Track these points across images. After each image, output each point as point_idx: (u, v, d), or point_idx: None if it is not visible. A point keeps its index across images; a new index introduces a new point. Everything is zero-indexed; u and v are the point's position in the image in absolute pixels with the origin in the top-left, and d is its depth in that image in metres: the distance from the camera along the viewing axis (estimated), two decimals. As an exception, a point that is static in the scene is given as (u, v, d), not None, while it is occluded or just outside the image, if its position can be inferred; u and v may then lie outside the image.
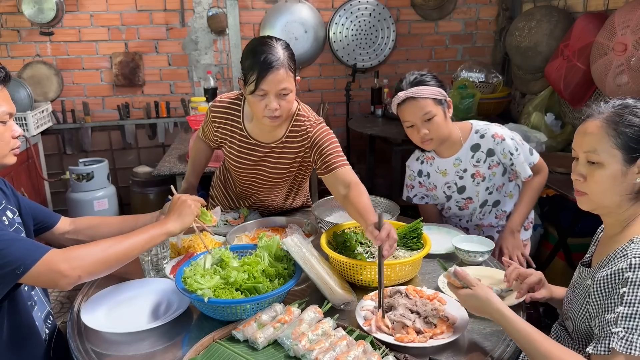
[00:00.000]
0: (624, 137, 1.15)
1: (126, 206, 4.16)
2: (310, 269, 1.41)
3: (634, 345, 1.04)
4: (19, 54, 3.90)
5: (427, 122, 1.86)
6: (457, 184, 2.04)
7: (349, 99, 4.16)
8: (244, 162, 1.97)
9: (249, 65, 1.69)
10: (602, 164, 1.18)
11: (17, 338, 1.32)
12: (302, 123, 1.88)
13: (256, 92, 1.69)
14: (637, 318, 1.05)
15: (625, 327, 1.06)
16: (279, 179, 2.01)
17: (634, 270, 1.08)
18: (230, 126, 1.93)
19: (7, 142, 1.37)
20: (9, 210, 1.40)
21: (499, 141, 1.93)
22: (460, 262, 1.71)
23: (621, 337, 1.05)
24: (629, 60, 2.56)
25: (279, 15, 4.04)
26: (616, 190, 1.18)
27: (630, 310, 1.06)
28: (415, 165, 2.13)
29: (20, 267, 1.19)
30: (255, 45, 1.71)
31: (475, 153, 1.97)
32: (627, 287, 1.08)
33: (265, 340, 1.25)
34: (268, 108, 1.71)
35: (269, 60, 1.65)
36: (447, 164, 2.02)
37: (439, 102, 1.87)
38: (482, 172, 1.98)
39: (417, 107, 1.85)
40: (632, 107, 1.17)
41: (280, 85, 1.68)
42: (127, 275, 1.63)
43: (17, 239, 1.26)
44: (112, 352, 1.29)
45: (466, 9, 4.28)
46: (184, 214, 1.51)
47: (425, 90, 1.84)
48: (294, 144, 1.90)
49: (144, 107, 4.10)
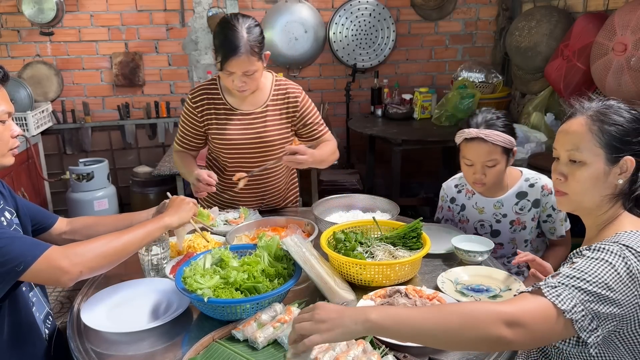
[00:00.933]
0: (608, 136, 1.13)
1: (126, 206, 4.16)
2: (310, 268, 1.41)
3: (561, 299, 0.98)
4: (19, 54, 3.91)
5: (487, 168, 1.81)
6: (492, 227, 1.96)
7: (349, 99, 4.17)
8: (233, 137, 2.02)
9: (217, 45, 1.87)
10: (584, 163, 1.15)
11: (17, 337, 1.32)
12: (284, 89, 2.07)
13: (223, 71, 1.88)
14: (576, 280, 1.00)
15: (561, 281, 1.01)
16: (268, 150, 2.07)
17: (592, 250, 1.06)
18: (212, 104, 2.03)
19: (6, 142, 1.36)
20: (7, 211, 1.40)
21: (546, 193, 1.87)
22: (460, 262, 1.71)
23: (552, 286, 1.00)
24: (628, 60, 2.56)
25: (279, 15, 4.04)
26: (597, 190, 1.16)
27: (573, 272, 1.02)
28: (451, 191, 2.06)
29: (21, 264, 1.20)
30: (223, 27, 1.85)
31: (521, 201, 1.90)
32: (580, 258, 1.06)
33: (265, 340, 1.25)
34: (235, 84, 1.90)
35: (232, 45, 1.81)
36: (487, 203, 1.95)
37: (506, 151, 1.81)
38: (523, 221, 1.91)
39: (484, 151, 1.78)
40: (616, 107, 1.16)
41: (244, 68, 1.85)
42: (127, 275, 1.63)
43: (18, 237, 1.26)
44: (112, 352, 1.29)
45: (466, 9, 4.28)
46: (182, 210, 1.56)
47: (498, 137, 1.77)
48: (276, 108, 2.06)
49: (144, 107, 4.10)
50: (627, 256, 1.02)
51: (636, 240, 1.06)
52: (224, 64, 1.84)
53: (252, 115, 2.04)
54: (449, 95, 3.78)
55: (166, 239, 1.65)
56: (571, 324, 0.97)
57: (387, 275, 1.52)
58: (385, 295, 1.46)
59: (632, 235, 1.08)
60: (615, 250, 1.03)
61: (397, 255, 1.61)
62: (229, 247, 1.53)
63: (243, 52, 1.81)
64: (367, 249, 1.64)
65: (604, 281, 0.99)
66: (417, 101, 4.01)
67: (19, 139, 1.42)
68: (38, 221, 1.54)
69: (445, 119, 3.75)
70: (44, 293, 1.50)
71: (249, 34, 1.83)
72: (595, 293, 0.99)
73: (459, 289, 1.54)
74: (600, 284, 0.99)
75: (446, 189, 2.09)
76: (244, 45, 1.81)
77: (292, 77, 4.22)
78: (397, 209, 1.97)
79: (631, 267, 1.01)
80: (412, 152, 4.14)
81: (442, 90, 4.15)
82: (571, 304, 0.98)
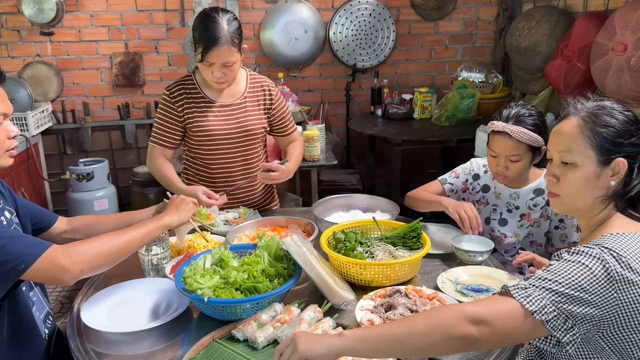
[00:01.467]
0: (600, 138, 1.12)
1: (126, 206, 4.16)
2: (310, 268, 1.41)
3: (530, 299, 0.98)
4: (19, 54, 3.90)
5: (510, 162, 1.81)
6: (502, 214, 1.97)
7: (349, 99, 4.17)
8: (214, 128, 2.05)
9: (197, 36, 1.91)
10: (575, 165, 1.15)
11: (17, 337, 1.32)
12: (259, 83, 2.15)
13: (203, 62, 1.93)
14: (547, 282, 1.00)
15: (532, 283, 1.01)
16: (249, 141, 2.12)
17: (571, 253, 1.06)
18: (191, 97, 2.06)
19: (2, 143, 1.35)
20: (6, 211, 1.40)
21: None
22: (460, 262, 1.71)
23: (522, 287, 1.01)
24: (628, 60, 2.56)
25: (279, 15, 4.04)
26: (589, 192, 1.15)
27: (546, 274, 1.02)
28: (479, 169, 2.04)
29: (22, 263, 1.20)
30: (203, 19, 1.91)
31: (536, 197, 1.91)
32: (557, 261, 1.05)
33: (265, 339, 1.25)
34: (214, 75, 1.95)
35: (213, 36, 1.87)
36: (504, 190, 1.96)
37: (532, 149, 1.80)
38: (533, 218, 1.92)
39: (509, 145, 1.78)
40: (609, 108, 1.15)
41: (224, 59, 1.91)
42: (127, 275, 1.63)
43: (18, 236, 1.26)
44: (112, 351, 1.29)
45: (466, 9, 4.28)
46: (182, 210, 1.57)
47: (524, 135, 1.75)
48: (254, 100, 2.12)
49: (144, 107, 4.10)
50: (606, 259, 1.01)
51: (619, 242, 1.05)
52: (205, 54, 1.89)
53: (231, 107, 2.09)
54: (449, 95, 3.78)
55: (166, 238, 1.65)
56: (541, 324, 0.98)
57: (387, 275, 1.52)
58: (385, 295, 1.46)
59: (617, 237, 1.07)
60: (594, 253, 1.03)
61: (397, 255, 1.61)
62: (229, 247, 1.53)
63: (224, 43, 1.88)
64: (367, 249, 1.65)
65: (578, 283, 0.99)
66: (417, 101, 4.01)
67: (18, 139, 1.42)
68: (38, 221, 1.54)
69: (445, 119, 3.75)
70: (44, 293, 1.50)
71: (229, 26, 1.90)
72: (567, 294, 0.99)
73: (459, 289, 1.54)
74: (573, 285, 0.99)
75: (474, 165, 2.06)
76: (225, 36, 1.88)
77: (292, 77, 4.22)
78: (397, 209, 1.97)
79: (609, 269, 1.00)
80: (412, 152, 4.14)
81: (442, 90, 4.15)
82: (540, 305, 0.98)
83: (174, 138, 2.08)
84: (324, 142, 3.14)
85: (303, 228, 1.87)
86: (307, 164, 3.02)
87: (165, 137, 2.07)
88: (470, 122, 3.72)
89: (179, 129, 2.07)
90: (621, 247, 1.03)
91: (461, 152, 4.10)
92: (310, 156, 3.01)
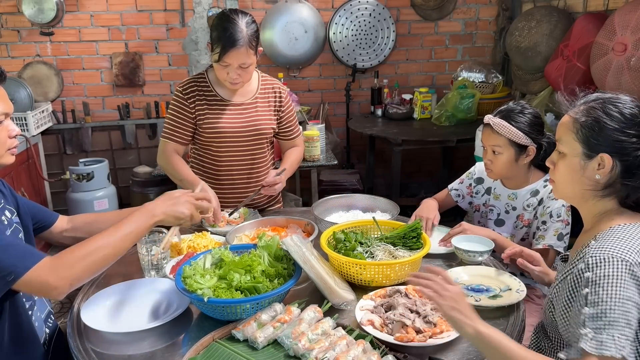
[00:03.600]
0: (585, 131, 1.17)
1: (126, 206, 4.12)
2: (310, 268, 1.41)
3: (604, 345, 1.03)
4: (19, 54, 3.90)
5: (493, 154, 1.87)
6: (499, 215, 2.00)
7: (349, 99, 4.17)
8: (226, 126, 2.07)
9: (215, 37, 1.93)
10: (564, 154, 1.22)
11: (18, 339, 1.32)
12: (270, 85, 2.18)
13: (220, 63, 1.94)
14: (602, 317, 1.05)
15: (593, 327, 1.05)
16: (259, 140, 2.14)
17: (592, 269, 1.09)
18: (203, 95, 2.08)
19: (3, 142, 1.34)
20: (7, 210, 1.39)
21: (552, 197, 1.84)
22: (460, 262, 1.71)
23: (590, 339, 1.05)
24: (628, 60, 2.56)
25: (279, 15, 4.04)
26: (576, 182, 1.21)
27: (594, 310, 1.06)
28: (482, 172, 2.05)
29: (11, 275, 1.17)
30: (223, 20, 1.92)
31: (532, 198, 1.92)
32: (588, 288, 1.08)
33: (265, 339, 1.25)
34: (229, 76, 1.97)
35: (232, 37, 1.89)
36: (503, 191, 1.99)
37: (515, 145, 1.82)
38: (527, 218, 1.93)
39: (490, 137, 1.86)
40: (603, 104, 1.17)
41: (241, 60, 1.93)
42: (127, 275, 1.63)
43: (11, 245, 1.23)
44: (112, 351, 1.29)
45: (466, 9, 4.28)
46: (179, 203, 1.41)
47: (504, 129, 1.80)
48: (264, 101, 2.15)
49: (144, 107, 4.10)
50: (635, 272, 1.06)
51: (631, 242, 1.10)
52: (222, 55, 1.91)
53: (242, 106, 2.12)
54: (449, 95, 3.78)
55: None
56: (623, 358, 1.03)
57: (387, 275, 1.52)
58: (385, 295, 1.46)
59: (626, 228, 1.13)
60: (620, 272, 1.07)
61: (397, 255, 1.61)
62: (229, 247, 1.53)
63: (242, 45, 1.90)
64: (367, 249, 1.64)
65: (621, 299, 1.05)
66: (417, 101, 4.01)
67: (18, 139, 1.42)
68: (39, 219, 1.54)
69: (445, 119, 3.75)
70: (44, 292, 1.49)
71: (247, 28, 1.92)
72: (621, 319, 1.04)
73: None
74: (620, 307, 1.04)
75: (477, 168, 2.11)
76: (244, 38, 1.90)
77: (292, 77, 4.22)
78: (397, 209, 1.97)
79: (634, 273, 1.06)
80: (412, 152, 4.14)
81: (442, 90, 4.15)
82: (614, 345, 1.02)
83: (186, 134, 2.10)
84: (324, 142, 3.14)
85: (303, 228, 1.87)
86: (307, 164, 3.02)
87: (177, 132, 2.09)
88: (470, 122, 3.73)
89: (190, 126, 2.09)
90: (628, 249, 1.09)
91: (461, 152, 4.10)
92: (310, 156, 3.01)
